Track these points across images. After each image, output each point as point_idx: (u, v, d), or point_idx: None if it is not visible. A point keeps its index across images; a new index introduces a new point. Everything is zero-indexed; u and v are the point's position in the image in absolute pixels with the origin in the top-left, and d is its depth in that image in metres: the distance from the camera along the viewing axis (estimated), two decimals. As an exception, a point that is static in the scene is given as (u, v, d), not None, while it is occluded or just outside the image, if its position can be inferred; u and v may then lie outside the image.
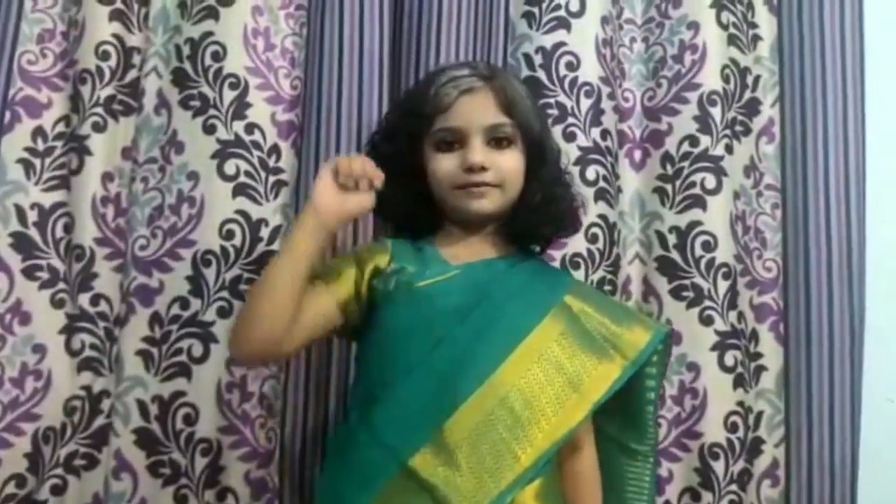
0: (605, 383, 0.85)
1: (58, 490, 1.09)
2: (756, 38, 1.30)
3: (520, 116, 0.89)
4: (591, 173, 1.18)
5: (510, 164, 0.89)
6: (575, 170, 1.17)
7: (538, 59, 1.19)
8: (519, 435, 0.80)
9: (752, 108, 1.28)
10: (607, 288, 1.17)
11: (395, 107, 0.97)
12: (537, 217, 0.92)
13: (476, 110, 0.88)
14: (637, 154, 1.26)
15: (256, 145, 1.14)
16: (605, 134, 1.20)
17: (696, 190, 1.21)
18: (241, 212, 1.12)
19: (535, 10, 1.20)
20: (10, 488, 1.06)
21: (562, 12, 1.19)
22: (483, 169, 0.87)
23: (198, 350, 1.09)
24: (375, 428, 0.82)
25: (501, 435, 0.80)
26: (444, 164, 0.89)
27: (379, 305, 0.88)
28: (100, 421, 1.11)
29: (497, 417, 0.80)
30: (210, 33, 1.14)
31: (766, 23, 1.30)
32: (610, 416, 0.92)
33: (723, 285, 1.19)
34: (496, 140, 0.88)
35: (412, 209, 0.93)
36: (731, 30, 1.26)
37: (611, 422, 0.93)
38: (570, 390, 0.83)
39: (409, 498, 0.78)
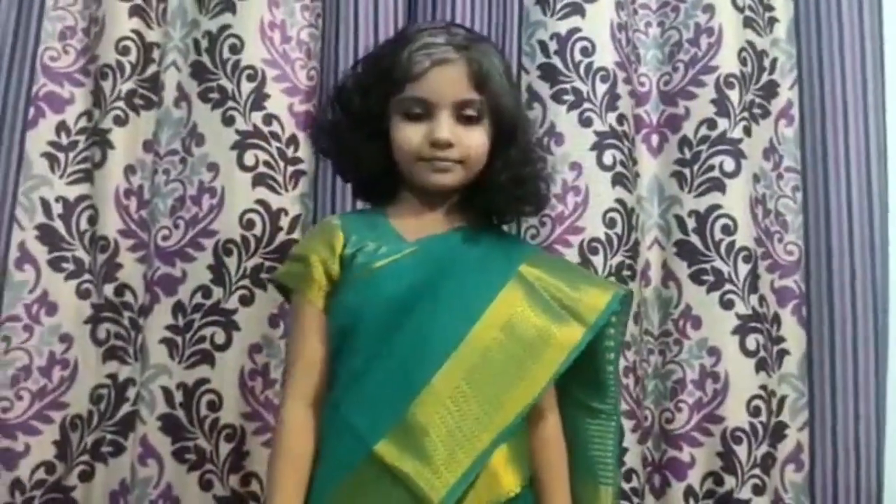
0: (564, 350, 0.84)
1: (86, 476, 1.11)
2: (772, 21, 1.29)
3: (491, 93, 0.86)
4: (607, 158, 1.17)
5: (476, 141, 0.87)
6: (591, 155, 1.17)
7: (553, 46, 1.19)
8: (480, 414, 0.80)
9: (770, 90, 1.27)
10: (626, 273, 1.17)
11: (367, 61, 0.91)
12: (501, 196, 0.90)
13: (447, 83, 0.84)
14: (654, 138, 1.26)
15: (275, 136, 1.15)
16: (621, 119, 1.19)
17: (715, 173, 1.20)
18: (260, 201, 1.13)
19: (549, -4, 1.20)
20: (40, 475, 1.09)
21: (576, -2, 1.19)
22: (449, 145, 0.85)
23: (220, 337, 1.10)
24: (343, 414, 0.81)
25: (464, 415, 0.80)
26: (409, 134, 0.86)
27: (338, 288, 0.86)
28: (126, 408, 1.13)
29: (459, 398, 0.80)
30: (227, 26, 1.15)
31: (782, 5, 1.29)
32: (571, 378, 0.90)
33: (743, 269, 1.18)
34: (464, 115, 0.86)
35: (376, 169, 0.90)
36: (747, 12, 1.25)
37: (573, 383, 0.91)
38: (531, 361, 0.83)
39: (376, 482, 0.78)
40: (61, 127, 1.16)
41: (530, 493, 0.86)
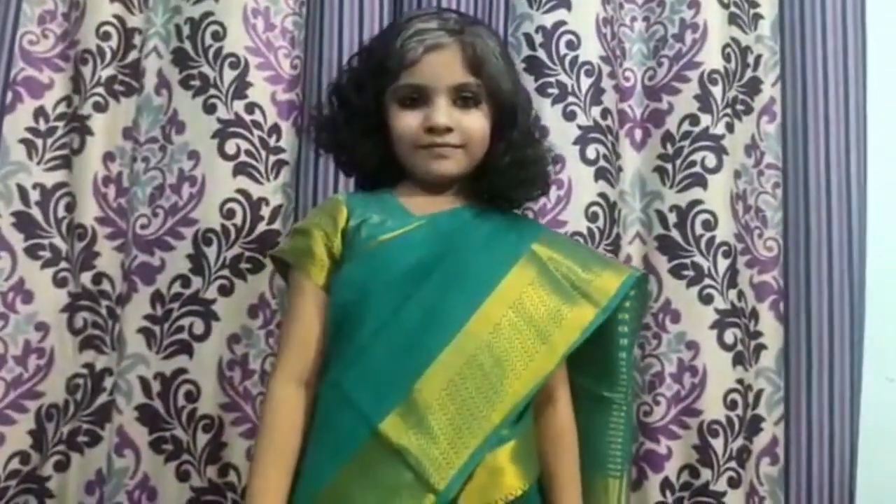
0: (575, 331, 0.83)
1: (61, 466, 1.10)
2: (757, 17, 1.29)
3: (488, 76, 0.84)
4: (591, 152, 1.18)
5: (475, 124, 0.85)
6: (575, 148, 1.17)
7: (538, 39, 1.19)
8: (489, 393, 0.78)
9: (754, 86, 1.27)
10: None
11: (361, 54, 0.91)
12: (505, 180, 0.88)
13: (442, 68, 0.83)
14: (638, 133, 1.26)
15: (257, 125, 1.14)
16: (605, 113, 1.20)
17: (697, 169, 1.20)
18: (241, 191, 1.12)
19: (535, -12, 1.20)
20: (15, 464, 1.08)
21: (562, -9, 1.19)
22: (447, 130, 0.84)
23: (199, 328, 1.10)
24: (346, 391, 0.79)
25: (471, 394, 0.78)
26: (407, 122, 0.85)
27: (343, 261, 0.84)
28: (102, 398, 1.12)
29: (466, 376, 0.78)
30: (210, 13, 1.14)
31: (766, 2, 1.29)
32: (582, 367, 0.90)
33: (723, 264, 1.19)
34: (462, 99, 0.85)
35: (375, 163, 0.89)
36: (732, 9, 1.26)
37: (583, 373, 0.90)
38: (539, 342, 0.81)
39: (380, 462, 0.75)
40: (39, 112, 1.14)
41: (537, 494, 0.84)
